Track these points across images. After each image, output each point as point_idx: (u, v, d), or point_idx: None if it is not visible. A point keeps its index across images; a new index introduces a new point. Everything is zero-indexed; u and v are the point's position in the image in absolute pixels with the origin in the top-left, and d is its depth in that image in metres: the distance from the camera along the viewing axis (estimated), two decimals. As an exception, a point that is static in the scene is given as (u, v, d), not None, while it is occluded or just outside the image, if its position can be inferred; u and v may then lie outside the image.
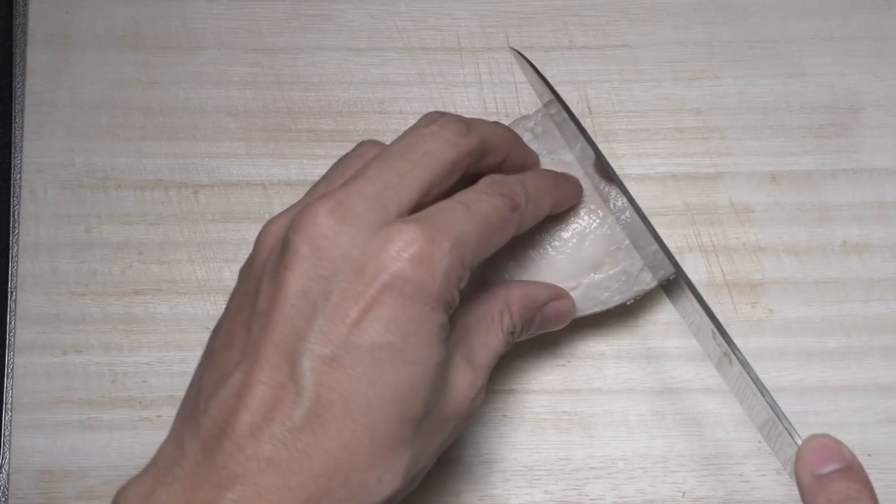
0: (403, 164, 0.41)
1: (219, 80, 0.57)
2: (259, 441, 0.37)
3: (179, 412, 0.40)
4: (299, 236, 0.39)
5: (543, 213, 0.46)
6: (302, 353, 0.37)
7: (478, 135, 0.44)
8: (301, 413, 0.37)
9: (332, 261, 0.38)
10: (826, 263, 0.54)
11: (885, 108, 0.56)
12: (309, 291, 0.38)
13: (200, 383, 0.40)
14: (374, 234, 0.39)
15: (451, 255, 0.39)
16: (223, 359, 0.39)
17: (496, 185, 0.43)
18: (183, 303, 0.54)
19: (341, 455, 0.37)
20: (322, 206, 0.39)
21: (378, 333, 0.38)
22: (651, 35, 0.57)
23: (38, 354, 0.53)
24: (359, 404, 0.37)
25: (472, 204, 0.41)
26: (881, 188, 0.55)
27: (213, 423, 0.38)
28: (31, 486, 0.51)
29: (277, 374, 0.37)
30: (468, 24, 0.57)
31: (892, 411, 0.52)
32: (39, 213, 0.55)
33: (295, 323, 0.38)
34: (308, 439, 0.37)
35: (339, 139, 0.56)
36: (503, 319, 0.45)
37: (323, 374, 0.37)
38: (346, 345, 0.37)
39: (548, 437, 0.52)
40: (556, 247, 0.49)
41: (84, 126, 0.56)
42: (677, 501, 0.51)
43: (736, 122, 0.56)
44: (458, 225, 0.40)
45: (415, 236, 0.39)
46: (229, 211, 0.55)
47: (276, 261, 0.39)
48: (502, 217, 0.42)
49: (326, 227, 0.39)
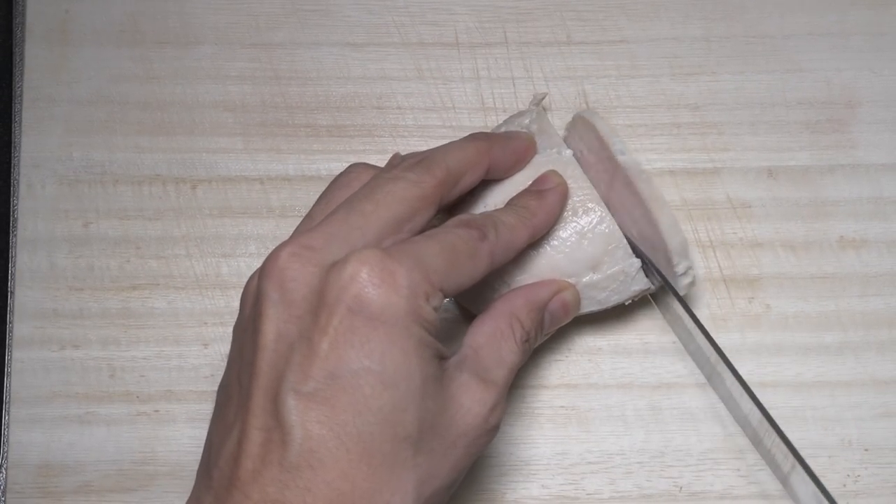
0: (367, 205, 0.42)
1: (216, 76, 0.57)
2: (262, 485, 0.38)
3: (198, 470, 0.42)
4: (268, 282, 0.40)
5: (519, 244, 0.46)
6: (285, 394, 0.38)
7: (443, 167, 0.44)
8: (294, 452, 0.38)
9: (302, 300, 0.39)
10: (823, 259, 0.54)
11: (882, 103, 0.56)
12: (285, 333, 0.39)
13: (210, 440, 0.41)
14: (336, 265, 0.39)
15: (412, 271, 0.39)
16: (225, 414, 0.41)
17: (462, 221, 0.44)
18: (181, 298, 0.54)
19: (342, 485, 0.38)
20: (285, 250, 0.40)
21: (353, 360, 0.38)
22: (648, 30, 0.57)
23: (35, 349, 0.53)
24: (349, 434, 0.38)
25: (437, 234, 0.42)
26: (878, 183, 0.55)
27: (221, 475, 0.39)
28: (28, 480, 0.51)
29: (267, 417, 0.38)
30: (466, 20, 0.57)
31: (888, 406, 0.52)
32: (37, 208, 0.55)
33: (277, 366, 0.39)
34: (307, 475, 0.37)
35: (337, 134, 0.56)
36: (515, 331, 0.45)
37: (308, 411, 0.38)
38: (325, 377, 0.38)
39: (545, 432, 0.52)
40: (555, 246, 0.49)
41: (82, 121, 0.56)
42: (674, 496, 0.51)
43: (733, 118, 0.56)
44: (419, 250, 0.41)
45: (370, 256, 0.39)
46: (227, 206, 0.55)
47: (253, 311, 0.40)
48: (469, 244, 0.42)
49: (292, 270, 0.39)
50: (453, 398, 0.41)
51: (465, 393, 0.42)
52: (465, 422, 0.42)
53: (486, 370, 0.43)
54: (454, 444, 0.41)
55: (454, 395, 0.41)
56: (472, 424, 0.42)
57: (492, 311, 0.46)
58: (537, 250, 0.49)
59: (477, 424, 0.42)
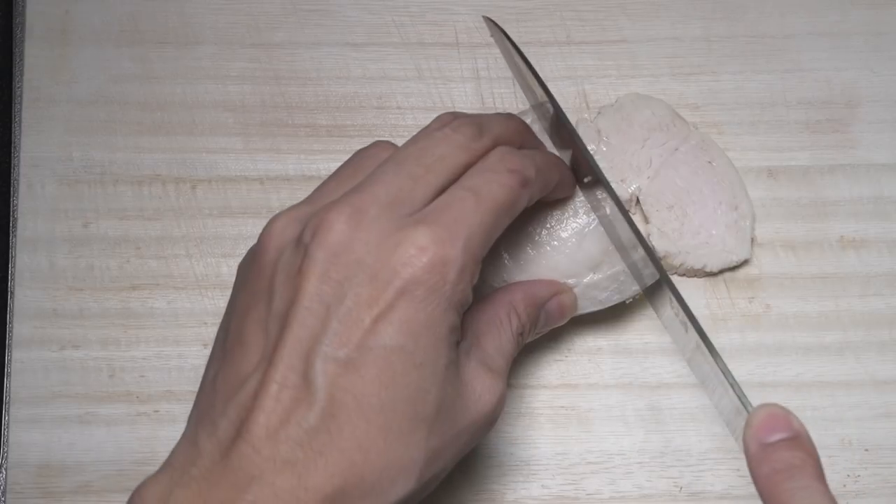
0: (418, 168, 0.42)
1: (216, 76, 0.57)
2: (275, 442, 0.37)
3: (193, 413, 0.41)
4: (316, 242, 0.39)
5: (549, 187, 0.46)
6: (317, 356, 0.38)
7: (490, 137, 0.44)
8: (316, 414, 0.37)
9: (347, 266, 0.39)
10: (823, 258, 0.54)
11: (882, 103, 0.56)
12: (324, 295, 0.39)
13: (215, 384, 0.40)
14: (387, 238, 0.39)
15: (464, 254, 0.40)
16: (238, 360, 0.40)
17: (506, 159, 0.43)
18: (181, 298, 0.54)
19: (355, 455, 0.37)
20: (340, 212, 0.40)
21: (390, 337, 0.38)
22: (648, 30, 0.57)
23: (35, 349, 0.53)
24: (371, 406, 0.38)
25: (482, 189, 0.41)
26: (878, 183, 0.55)
27: (230, 425, 0.38)
28: (28, 480, 0.51)
29: (293, 375, 0.38)
30: (466, 20, 0.57)
31: (889, 406, 0.52)
32: (37, 209, 0.55)
33: (311, 326, 0.38)
34: (323, 439, 0.37)
35: (337, 134, 0.56)
36: (511, 322, 0.46)
37: (337, 377, 0.38)
38: (360, 348, 0.38)
39: (545, 432, 0.52)
40: (556, 246, 0.49)
41: (81, 121, 0.56)
42: (674, 496, 0.51)
43: (733, 118, 0.56)
44: (467, 219, 0.40)
45: (426, 241, 0.39)
46: (227, 206, 0.55)
47: (292, 263, 0.40)
48: (512, 195, 0.42)
49: (343, 234, 0.39)
50: (467, 384, 0.42)
51: (478, 380, 0.42)
52: (477, 409, 0.42)
53: (490, 357, 0.44)
54: (463, 431, 0.41)
55: (468, 382, 0.42)
56: (482, 412, 0.42)
57: (491, 299, 0.46)
58: (538, 251, 0.49)
59: (486, 413, 0.42)
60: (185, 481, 0.38)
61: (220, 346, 0.41)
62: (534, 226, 0.49)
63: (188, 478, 0.38)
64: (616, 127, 0.53)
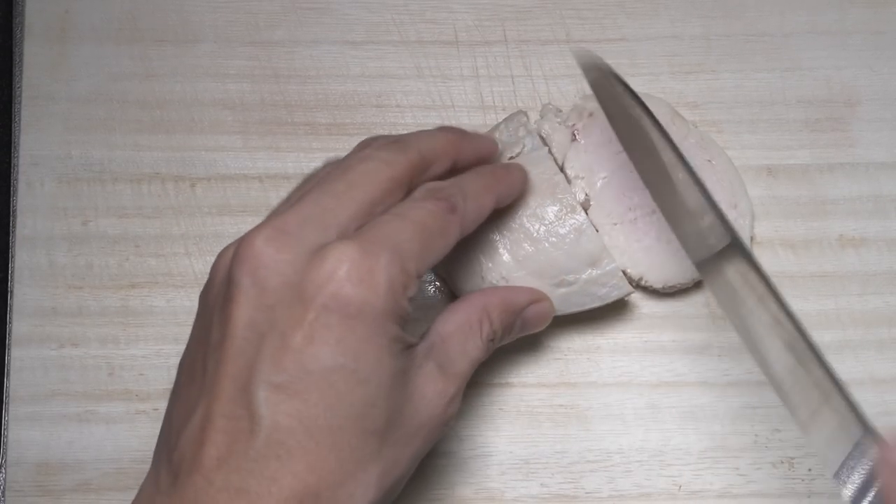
0: (340, 185, 0.41)
1: (216, 74, 0.57)
2: (226, 472, 0.37)
3: (156, 449, 0.41)
4: (240, 268, 0.39)
5: (486, 210, 0.45)
6: (256, 384, 0.38)
7: (415, 150, 0.44)
8: (262, 441, 0.37)
9: (275, 289, 0.39)
10: (822, 257, 0.54)
11: (882, 102, 0.56)
12: (256, 322, 0.38)
13: (170, 420, 0.41)
14: (313, 256, 0.39)
15: (390, 265, 0.39)
16: (187, 395, 0.40)
17: (430, 191, 0.43)
18: (180, 296, 0.54)
19: (308, 477, 0.37)
20: (259, 235, 0.39)
21: (328, 357, 0.38)
22: (648, 29, 0.57)
23: (34, 347, 0.53)
24: (319, 427, 0.38)
25: (408, 213, 0.41)
26: (877, 182, 0.55)
27: (182, 459, 0.38)
28: (27, 478, 0.51)
29: (235, 406, 0.38)
30: (465, 18, 0.57)
31: (888, 405, 0.52)
32: (36, 207, 0.55)
33: (246, 355, 0.38)
34: (273, 466, 0.37)
35: (336, 132, 0.56)
36: (482, 327, 0.45)
37: (280, 403, 0.38)
38: (298, 371, 0.38)
39: (544, 431, 0.52)
40: (554, 242, 0.49)
41: (81, 119, 0.56)
42: (673, 495, 0.51)
43: (732, 116, 0.56)
44: (394, 235, 0.40)
45: (349, 253, 0.39)
46: (226, 204, 0.55)
47: (223, 293, 0.40)
48: (440, 220, 0.42)
49: (266, 257, 0.39)
50: (417, 389, 0.41)
51: (429, 384, 0.42)
52: (427, 412, 0.42)
53: (451, 361, 0.43)
54: (416, 435, 0.41)
55: (418, 386, 0.42)
56: (432, 415, 0.42)
57: (466, 301, 0.46)
58: (536, 247, 0.49)
59: (436, 415, 0.42)
60: None
61: (177, 380, 0.42)
62: (532, 222, 0.49)
63: None
64: (601, 126, 0.53)
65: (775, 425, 0.52)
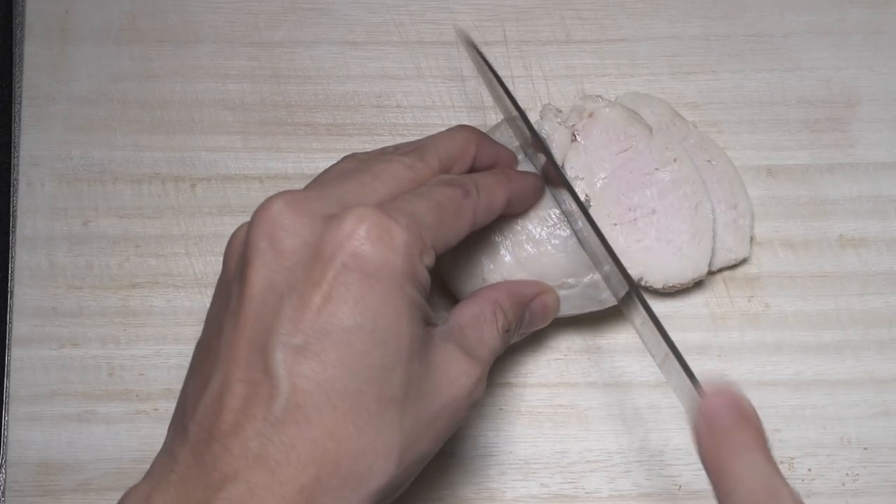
0: (365, 176, 0.42)
1: (216, 74, 0.57)
2: (244, 439, 0.37)
3: (171, 424, 0.41)
4: (258, 231, 0.39)
5: (498, 205, 0.46)
6: (274, 346, 0.37)
7: (434, 157, 0.44)
8: (280, 406, 0.37)
9: (294, 250, 0.38)
10: (822, 257, 0.54)
11: (882, 102, 0.56)
12: (275, 284, 0.38)
13: (186, 392, 0.40)
14: (330, 218, 0.39)
15: (408, 229, 0.39)
16: (203, 366, 0.40)
17: (445, 181, 0.43)
18: (180, 296, 0.54)
19: (327, 443, 0.37)
20: (277, 199, 0.39)
21: (347, 316, 0.38)
22: (648, 29, 0.57)
23: (35, 347, 0.53)
24: (336, 390, 0.37)
25: (424, 192, 0.42)
26: (877, 182, 0.55)
27: (199, 428, 0.38)
28: (28, 478, 0.51)
29: (253, 370, 0.38)
30: (465, 18, 0.57)
31: (888, 405, 0.52)
32: (36, 207, 0.55)
33: (264, 317, 0.38)
34: (292, 431, 0.37)
35: (336, 133, 0.56)
36: (498, 319, 0.45)
37: (297, 365, 0.37)
38: (317, 332, 0.37)
39: (544, 431, 0.52)
40: (556, 245, 0.49)
41: (81, 119, 0.56)
42: (673, 495, 0.51)
43: (732, 117, 0.56)
44: (410, 205, 0.40)
45: (368, 213, 0.39)
46: (226, 204, 0.55)
47: (240, 262, 0.40)
48: (455, 201, 0.42)
49: (284, 217, 0.39)
50: (439, 366, 0.41)
51: (452, 362, 0.42)
52: (451, 392, 0.41)
53: (471, 346, 0.43)
54: (439, 414, 0.41)
55: (440, 363, 0.41)
56: (457, 395, 0.42)
57: (477, 296, 0.46)
58: (539, 249, 0.49)
59: (462, 396, 0.42)
60: (164, 486, 0.38)
61: (193, 357, 0.42)
62: (534, 224, 0.49)
63: (166, 483, 0.38)
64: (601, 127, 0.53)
65: (775, 425, 0.52)
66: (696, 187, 0.52)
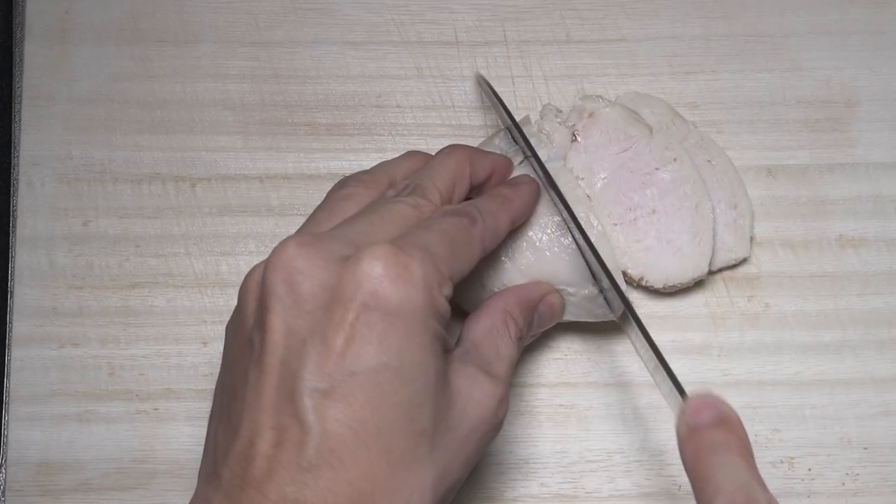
0: (374, 216, 0.42)
1: (216, 74, 0.57)
2: (279, 485, 0.37)
3: (201, 471, 0.41)
4: (274, 276, 0.39)
5: (503, 229, 0.46)
6: (301, 392, 0.37)
7: (434, 192, 0.44)
8: (313, 450, 0.37)
9: (313, 294, 0.38)
10: (822, 257, 0.54)
11: (882, 102, 0.56)
12: (296, 329, 0.38)
13: (216, 440, 0.40)
14: (346, 259, 0.39)
15: (425, 262, 0.39)
16: (230, 414, 0.40)
17: (449, 211, 0.44)
18: (180, 296, 0.54)
19: (363, 484, 0.37)
20: (291, 241, 0.39)
21: (371, 356, 0.38)
22: (648, 29, 0.57)
23: (35, 347, 0.53)
24: (367, 431, 0.37)
25: (432, 224, 0.42)
26: (877, 182, 0.55)
27: (233, 475, 0.38)
28: (28, 478, 0.51)
29: (282, 416, 0.38)
30: (465, 18, 0.57)
31: (888, 405, 0.52)
32: (36, 207, 0.55)
33: (289, 363, 0.38)
34: (328, 475, 0.37)
35: (336, 133, 0.56)
36: (509, 327, 0.46)
37: (326, 409, 0.37)
38: (343, 374, 0.38)
39: (544, 431, 0.52)
40: (556, 252, 0.49)
41: (81, 119, 0.56)
42: (673, 495, 0.51)
43: (732, 117, 0.56)
44: (422, 239, 0.41)
45: (383, 251, 0.39)
46: (226, 204, 0.55)
47: (258, 308, 0.40)
48: (464, 231, 0.43)
49: (299, 261, 0.39)
50: (462, 391, 0.41)
51: (475, 386, 0.42)
52: (477, 415, 0.42)
53: (489, 364, 0.43)
54: (467, 439, 0.41)
55: (463, 388, 0.42)
56: (482, 417, 0.42)
57: (486, 307, 0.46)
58: (538, 256, 0.49)
59: (487, 417, 0.42)
60: None
61: (217, 402, 0.42)
62: (535, 230, 0.49)
63: None
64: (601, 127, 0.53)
65: (775, 425, 0.52)
66: (696, 187, 0.52)
